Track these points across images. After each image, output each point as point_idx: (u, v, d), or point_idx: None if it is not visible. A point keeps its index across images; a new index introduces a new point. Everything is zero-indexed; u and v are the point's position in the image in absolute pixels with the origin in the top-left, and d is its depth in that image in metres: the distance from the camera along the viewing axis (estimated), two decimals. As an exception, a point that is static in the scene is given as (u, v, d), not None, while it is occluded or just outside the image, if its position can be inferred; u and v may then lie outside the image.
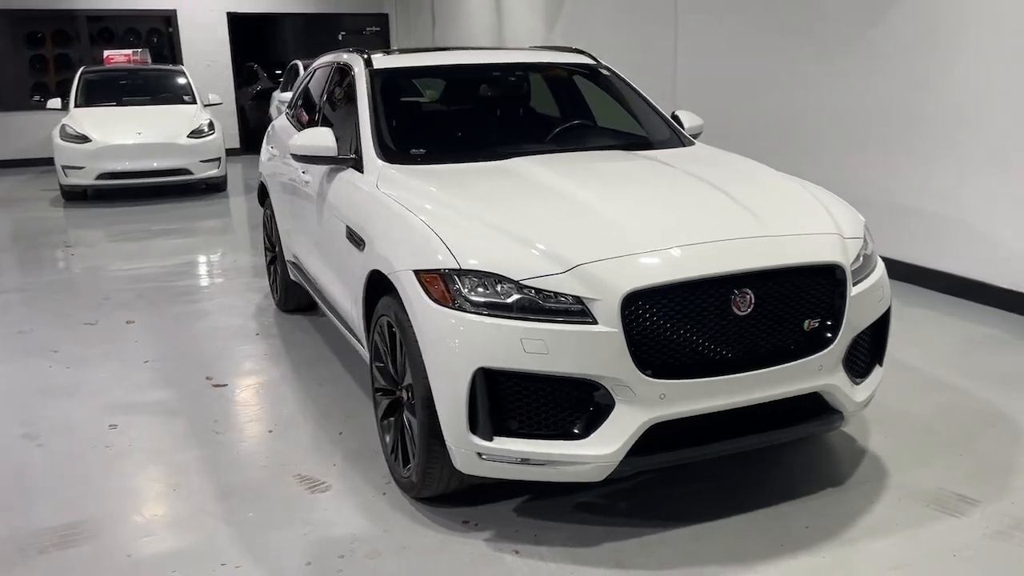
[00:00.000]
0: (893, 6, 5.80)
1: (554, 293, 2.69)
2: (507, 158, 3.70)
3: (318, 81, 5.10)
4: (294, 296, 5.45)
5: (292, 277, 5.20)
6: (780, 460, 3.46)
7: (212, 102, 11.52)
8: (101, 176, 10.09)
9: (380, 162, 3.65)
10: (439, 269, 2.81)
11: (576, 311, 2.67)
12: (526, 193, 3.29)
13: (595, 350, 2.64)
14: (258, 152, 14.25)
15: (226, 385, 4.45)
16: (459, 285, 2.77)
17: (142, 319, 5.62)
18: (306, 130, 3.93)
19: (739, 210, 3.06)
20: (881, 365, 3.29)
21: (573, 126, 4.31)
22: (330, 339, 5.07)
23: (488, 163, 3.65)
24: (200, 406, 4.20)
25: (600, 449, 2.70)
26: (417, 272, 2.88)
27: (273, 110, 13.30)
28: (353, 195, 3.65)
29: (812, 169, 5.06)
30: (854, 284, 2.99)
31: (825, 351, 2.91)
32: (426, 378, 2.85)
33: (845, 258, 2.97)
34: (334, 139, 3.80)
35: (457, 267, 2.78)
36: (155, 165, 10.21)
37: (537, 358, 2.64)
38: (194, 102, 11.33)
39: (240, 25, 15.24)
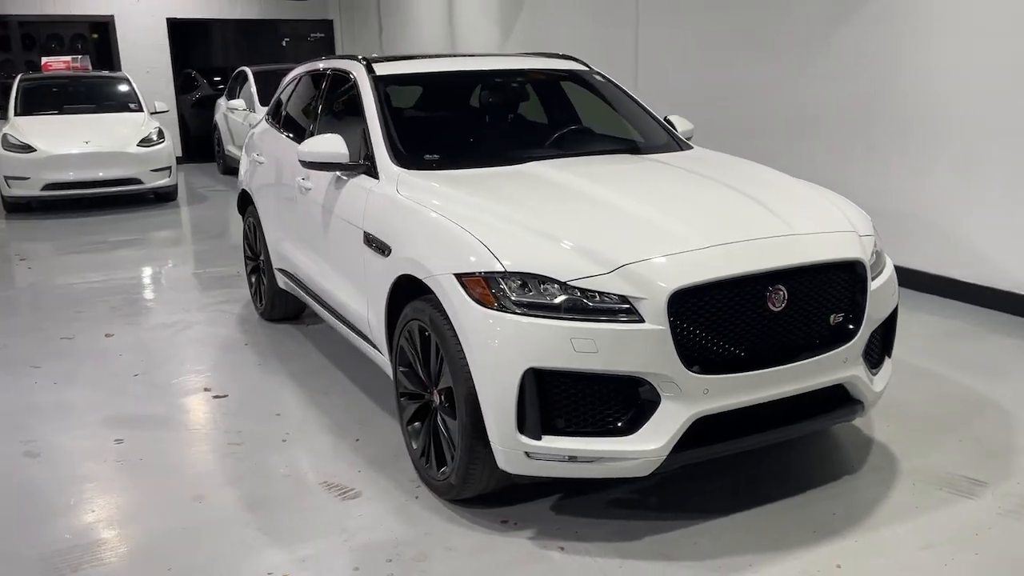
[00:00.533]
0: (855, 13, 6.05)
1: (599, 293, 2.75)
2: (520, 162, 3.75)
3: (306, 89, 5.07)
4: (281, 305, 5.39)
5: (281, 286, 5.15)
6: (795, 452, 3.59)
7: (159, 110, 11.26)
8: (47, 187, 9.74)
9: (397, 168, 3.66)
10: (483, 272, 2.85)
11: (622, 310, 2.73)
12: (554, 196, 3.35)
13: (643, 348, 2.71)
14: (202, 160, 14.24)
15: (227, 396, 4.38)
16: (504, 287, 2.81)
17: (121, 332, 5.49)
18: (315, 137, 3.91)
19: (763, 211, 3.18)
20: (890, 357, 3.45)
21: (579, 130, 4.39)
22: (323, 348, 5.04)
23: (505, 167, 3.70)
24: (205, 418, 4.14)
25: (647, 444, 2.77)
26: (459, 275, 2.90)
27: (219, 117, 13.06)
28: (371, 201, 3.65)
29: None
30: (872, 279, 3.14)
31: (849, 344, 3.04)
32: (470, 380, 2.88)
33: (864, 254, 3.12)
34: (345, 146, 3.79)
35: (502, 270, 2.83)
36: (104, 175, 9.92)
37: (587, 357, 2.70)
38: (140, 110, 11.05)
39: (179, 31, 14.92)
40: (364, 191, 3.74)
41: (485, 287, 2.84)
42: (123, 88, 11.48)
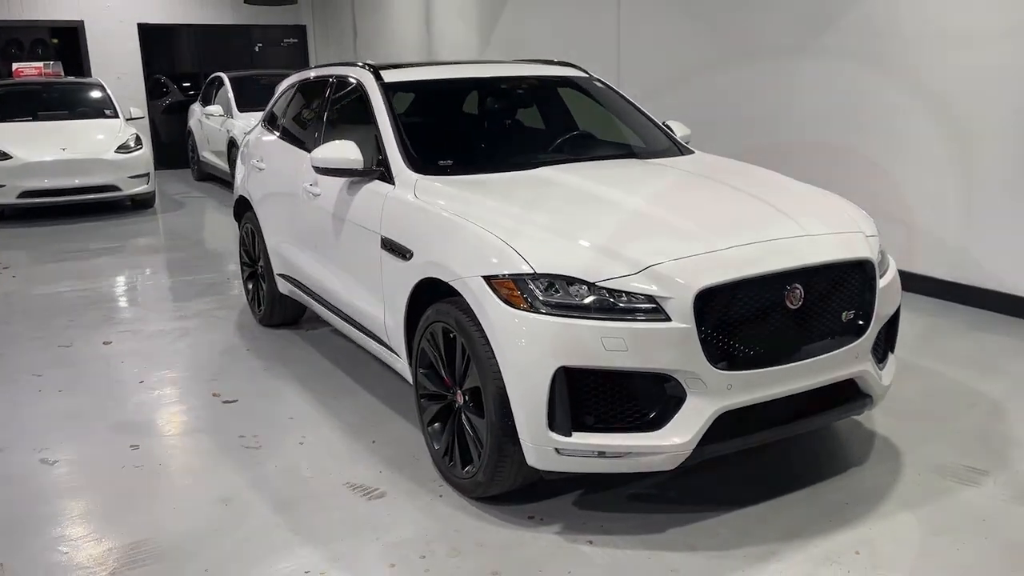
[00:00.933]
0: (833, 24, 6.24)
1: (626, 293, 2.85)
2: (530, 168, 3.85)
3: (308, 95, 5.11)
4: (280, 311, 5.42)
5: (283, 291, 5.18)
6: (802, 446, 3.71)
7: (135, 116, 11.16)
8: (24, 194, 9.63)
9: (413, 174, 3.73)
10: (512, 274, 2.93)
11: (649, 309, 2.83)
12: (572, 199, 3.44)
13: (670, 345, 2.81)
14: (175, 167, 14.11)
15: (236, 401, 4.41)
16: (532, 288, 2.90)
17: (119, 340, 5.47)
18: (328, 143, 3.96)
19: (775, 212, 3.30)
20: (893, 352, 3.59)
21: (585, 136, 4.50)
22: (325, 351, 5.07)
23: (517, 172, 3.79)
24: (218, 422, 4.16)
25: (674, 439, 2.87)
26: (487, 278, 2.98)
27: (193, 123, 12.98)
28: (388, 206, 3.71)
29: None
30: (879, 277, 3.28)
31: (860, 340, 3.17)
32: (499, 379, 2.95)
33: (872, 254, 3.26)
34: (359, 152, 3.85)
35: (531, 271, 2.91)
36: (81, 182, 9.82)
37: (617, 355, 2.80)
38: (116, 116, 10.94)
39: (148, 36, 14.78)
40: (380, 196, 3.79)
41: (514, 289, 2.92)
42: (98, 94, 11.36)
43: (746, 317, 2.93)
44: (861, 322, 3.20)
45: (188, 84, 15.74)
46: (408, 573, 2.86)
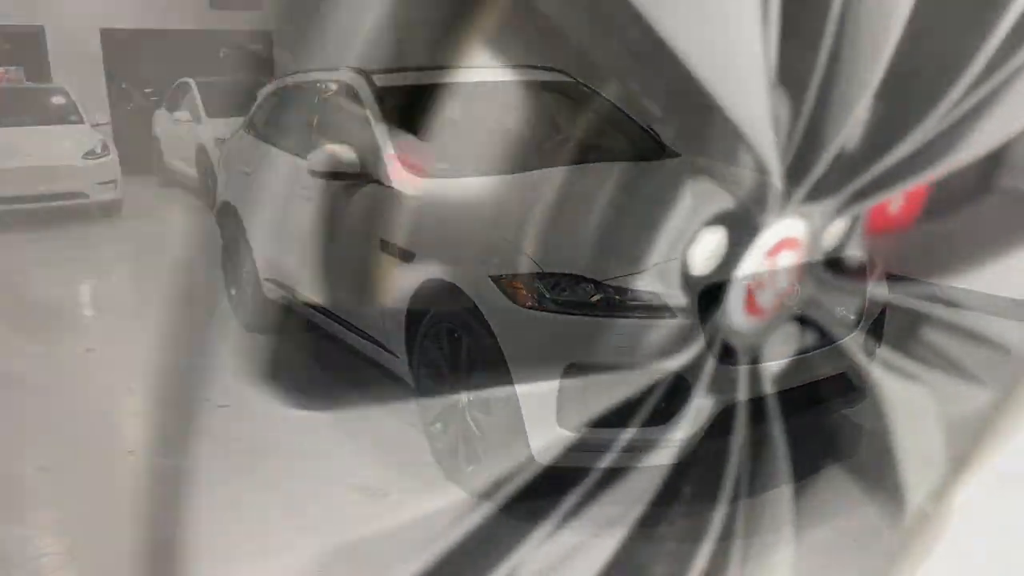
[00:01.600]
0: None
1: (632, 291, 2.93)
2: (527, 170, 3.90)
3: (295, 100, 5.13)
4: (267, 316, 5.39)
5: (271, 296, 5.17)
6: (797, 438, 3.79)
7: (100, 122, 11.01)
8: (-14, 202, 9.47)
9: (411, 176, 3.77)
10: (520, 273, 2.99)
11: (655, 307, 2.91)
12: (574, 200, 3.51)
13: (675, 342, 2.89)
14: (138, 173, 13.93)
15: (229, 406, 4.40)
16: (539, 287, 2.96)
17: (101, 347, 5.42)
18: (324, 147, 3.98)
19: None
20: (880, 347, 3.71)
21: (579, 138, 4.56)
22: (316, 355, 5.08)
23: (516, 175, 3.84)
24: (213, 426, 4.14)
25: (680, 433, 2.95)
26: (495, 278, 3.04)
27: (159, 130, 12.82)
28: (387, 209, 3.75)
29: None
30: (870, 275, 3.40)
31: (853, 335, 3.29)
32: (508, 377, 3.01)
33: (864, 251, 3.37)
34: (356, 155, 3.88)
35: (539, 270, 2.97)
36: (47, 189, 9.66)
37: (623, 352, 2.87)
38: (81, 122, 10.79)
39: (112, 42, 14.58)
40: (378, 200, 3.83)
41: (521, 288, 2.98)
42: (61, 100, 11.17)
43: (748, 313, 3.02)
44: (854, 317, 3.32)
45: (150, 90, 15.55)
46: (423, 568, 2.90)
